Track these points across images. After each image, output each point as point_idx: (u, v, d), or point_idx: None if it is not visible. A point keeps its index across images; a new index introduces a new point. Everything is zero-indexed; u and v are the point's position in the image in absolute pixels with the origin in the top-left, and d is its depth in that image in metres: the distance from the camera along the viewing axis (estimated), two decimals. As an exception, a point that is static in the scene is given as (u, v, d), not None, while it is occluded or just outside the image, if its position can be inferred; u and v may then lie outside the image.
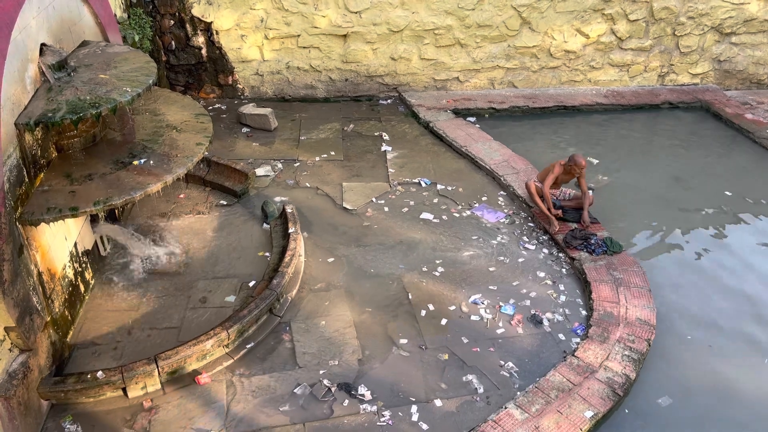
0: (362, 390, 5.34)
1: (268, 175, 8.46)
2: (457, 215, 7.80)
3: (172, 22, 9.82)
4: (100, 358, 5.55)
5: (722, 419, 5.38)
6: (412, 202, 8.02)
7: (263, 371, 5.52)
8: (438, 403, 5.28)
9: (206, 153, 5.88)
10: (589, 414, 5.09)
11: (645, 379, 5.63)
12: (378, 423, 5.08)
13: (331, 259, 6.94)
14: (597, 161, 9.13)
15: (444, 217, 7.75)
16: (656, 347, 5.92)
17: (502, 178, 8.40)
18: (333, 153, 9.10)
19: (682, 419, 5.37)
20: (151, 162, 5.47)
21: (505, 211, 7.90)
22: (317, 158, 8.95)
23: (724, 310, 6.51)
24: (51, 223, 5.02)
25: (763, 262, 7.27)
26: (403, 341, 5.89)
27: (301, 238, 6.91)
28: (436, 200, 8.08)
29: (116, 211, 7.09)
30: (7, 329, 4.67)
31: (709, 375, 5.77)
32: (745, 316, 6.44)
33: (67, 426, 4.97)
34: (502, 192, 8.30)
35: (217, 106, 10.35)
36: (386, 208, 7.88)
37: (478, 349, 5.83)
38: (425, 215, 7.76)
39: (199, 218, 7.49)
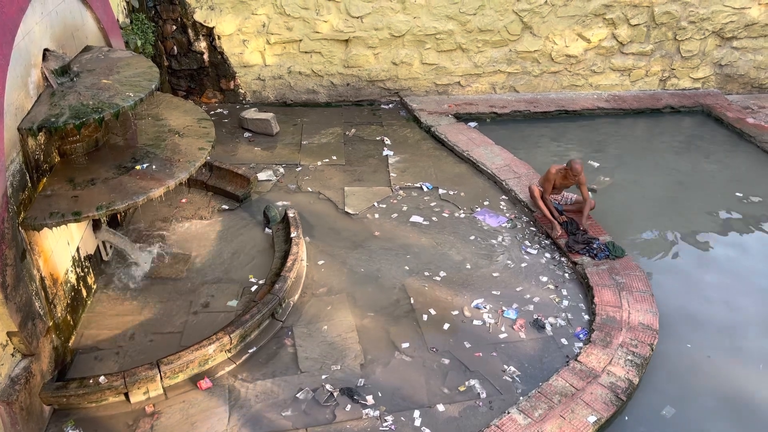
0: (365, 395, 5.33)
1: (270, 180, 8.47)
2: (459, 220, 7.80)
3: (175, 27, 9.85)
4: (103, 362, 5.54)
5: (726, 425, 5.36)
6: (413, 207, 8.01)
7: (265, 376, 5.51)
8: (441, 408, 5.27)
9: (208, 158, 5.89)
10: (592, 419, 5.07)
11: (647, 385, 5.62)
12: (381, 428, 5.06)
13: (333, 264, 6.94)
14: (597, 164, 9.14)
15: (446, 221, 7.75)
16: (659, 352, 5.90)
17: (503, 183, 8.40)
18: (335, 157, 9.11)
19: (685, 426, 5.35)
20: (154, 167, 5.48)
21: (507, 215, 7.90)
22: (319, 163, 8.96)
23: (727, 315, 6.49)
24: (54, 228, 5.02)
25: (763, 265, 7.25)
26: (406, 346, 5.88)
27: (303, 242, 6.91)
28: (437, 205, 8.08)
29: (118, 215, 7.10)
30: (9, 334, 4.66)
31: (711, 381, 5.75)
32: (748, 320, 6.43)
33: (69, 431, 4.96)
34: (503, 196, 8.30)
35: (219, 110, 10.37)
36: (388, 213, 7.88)
37: (481, 354, 5.82)
38: (427, 220, 7.76)
39: (201, 223, 7.49)
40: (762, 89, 11.71)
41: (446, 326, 6.13)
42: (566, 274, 6.91)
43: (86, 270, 6.18)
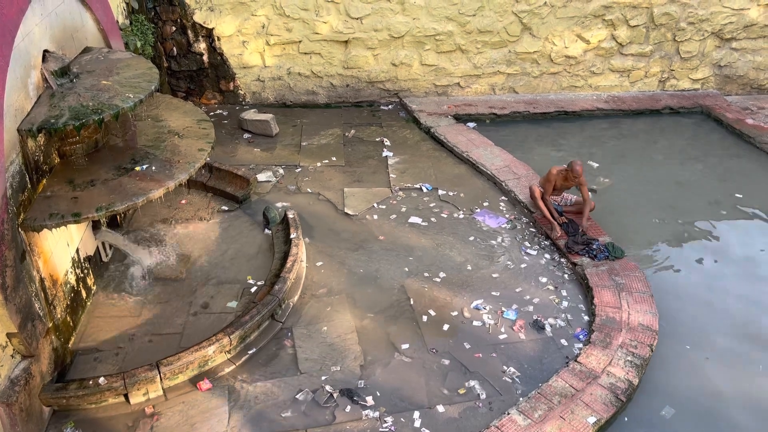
0: (364, 396, 5.33)
1: (270, 181, 8.47)
2: (459, 221, 7.80)
3: (174, 28, 9.86)
4: (102, 364, 5.54)
5: (725, 426, 5.37)
6: (413, 208, 8.02)
7: (265, 377, 5.51)
8: (440, 408, 5.27)
9: (208, 159, 5.89)
10: (592, 420, 5.08)
11: (647, 385, 5.62)
12: (380, 429, 5.06)
13: (332, 265, 6.94)
14: (597, 165, 9.15)
15: (445, 222, 7.75)
16: (658, 353, 5.91)
17: (503, 184, 8.41)
18: (334, 158, 9.12)
19: (685, 426, 5.35)
20: (154, 168, 5.48)
21: (507, 216, 7.90)
22: (318, 164, 8.96)
23: (726, 316, 6.49)
24: (53, 229, 5.02)
25: (763, 266, 7.26)
26: (405, 347, 5.88)
27: (302, 243, 6.92)
28: (437, 206, 8.08)
29: (118, 216, 7.10)
30: (9, 335, 4.66)
31: (710, 382, 5.75)
32: (747, 321, 6.43)
33: (69, 432, 4.97)
34: (503, 197, 8.30)
35: (218, 112, 10.37)
36: (387, 214, 7.88)
37: (481, 355, 5.82)
38: (426, 221, 7.76)
39: (200, 224, 7.49)
40: (761, 90, 11.72)
41: (446, 327, 6.13)
42: (566, 275, 6.91)
43: (86, 271, 6.18)
